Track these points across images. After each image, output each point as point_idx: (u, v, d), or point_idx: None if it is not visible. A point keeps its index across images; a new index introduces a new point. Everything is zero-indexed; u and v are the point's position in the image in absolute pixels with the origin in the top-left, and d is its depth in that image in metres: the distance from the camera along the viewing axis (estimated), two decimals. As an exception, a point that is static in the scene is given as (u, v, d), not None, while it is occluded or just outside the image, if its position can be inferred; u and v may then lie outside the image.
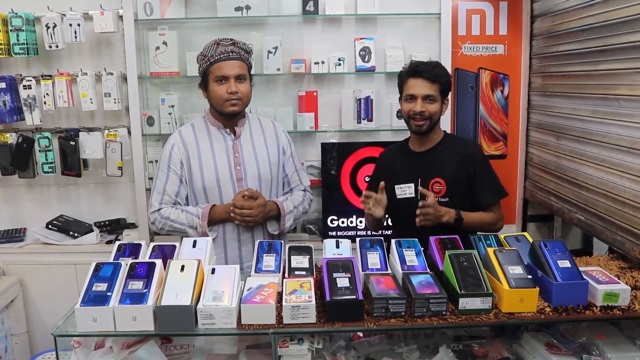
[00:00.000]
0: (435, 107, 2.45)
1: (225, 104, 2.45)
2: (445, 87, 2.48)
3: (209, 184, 2.51)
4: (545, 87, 3.27)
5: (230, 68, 2.42)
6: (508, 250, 1.93)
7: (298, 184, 2.71)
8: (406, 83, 2.50)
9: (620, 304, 1.82)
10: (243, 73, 2.46)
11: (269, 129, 2.66)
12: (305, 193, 2.71)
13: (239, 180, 2.52)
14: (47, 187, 3.69)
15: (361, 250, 2.07)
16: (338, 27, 3.54)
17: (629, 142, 2.37)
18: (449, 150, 2.54)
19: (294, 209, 2.59)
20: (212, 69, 2.44)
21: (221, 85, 2.43)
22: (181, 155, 2.53)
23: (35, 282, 3.52)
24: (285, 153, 2.66)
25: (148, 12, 3.37)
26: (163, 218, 2.50)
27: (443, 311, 1.76)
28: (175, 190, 2.53)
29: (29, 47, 3.30)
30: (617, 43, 2.45)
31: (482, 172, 2.52)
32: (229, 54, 2.42)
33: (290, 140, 2.71)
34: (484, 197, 2.52)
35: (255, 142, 2.58)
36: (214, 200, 2.52)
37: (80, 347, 1.82)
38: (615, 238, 2.49)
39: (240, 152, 2.54)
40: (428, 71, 2.44)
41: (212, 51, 2.43)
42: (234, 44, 2.45)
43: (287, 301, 1.73)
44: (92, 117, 3.58)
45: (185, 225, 2.47)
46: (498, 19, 3.49)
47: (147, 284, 1.75)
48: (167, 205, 2.53)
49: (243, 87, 2.46)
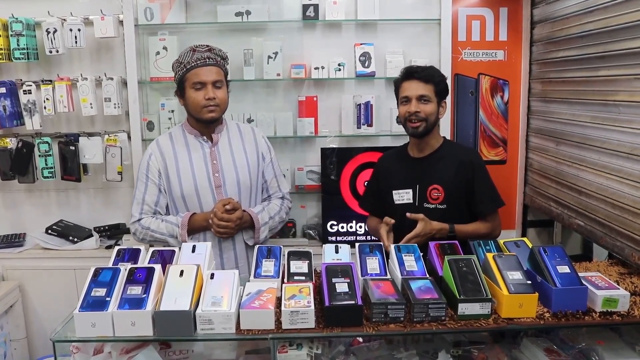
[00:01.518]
0: (431, 108, 2.46)
1: (202, 111, 2.43)
2: (440, 89, 2.48)
3: (187, 192, 2.49)
4: (545, 93, 3.28)
5: (207, 74, 2.40)
6: (507, 256, 1.93)
7: (276, 191, 2.67)
8: (401, 87, 2.53)
9: (619, 309, 1.82)
10: (220, 79, 2.44)
11: (247, 134, 2.63)
12: (284, 201, 2.67)
13: (217, 188, 2.50)
14: (46, 192, 3.69)
15: (360, 256, 2.06)
16: (338, 32, 3.55)
17: (628, 148, 2.37)
18: (448, 156, 2.54)
19: (270, 219, 2.55)
20: (188, 75, 2.42)
21: (198, 91, 2.41)
22: (159, 165, 2.51)
23: (35, 287, 3.51)
24: (265, 159, 2.64)
25: (148, 17, 3.38)
26: (143, 228, 2.48)
27: (442, 316, 1.76)
28: (154, 200, 2.51)
29: (29, 52, 3.30)
30: (616, 49, 2.46)
31: (480, 180, 2.51)
32: (205, 60, 2.41)
33: (270, 146, 2.68)
34: (481, 206, 2.51)
35: (234, 148, 2.56)
36: (193, 208, 2.50)
37: (79, 352, 1.82)
38: (614, 244, 2.48)
39: (218, 159, 2.52)
40: (420, 72, 2.47)
41: (188, 57, 2.41)
42: (210, 50, 2.44)
43: (286, 306, 1.73)
44: (92, 122, 3.58)
45: (166, 234, 2.46)
46: (498, 25, 3.50)
47: (146, 289, 1.75)
48: (147, 215, 2.51)
49: (220, 93, 2.44)
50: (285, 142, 3.60)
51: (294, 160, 3.63)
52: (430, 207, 2.51)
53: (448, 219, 2.44)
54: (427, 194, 2.50)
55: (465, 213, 2.51)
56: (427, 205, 2.52)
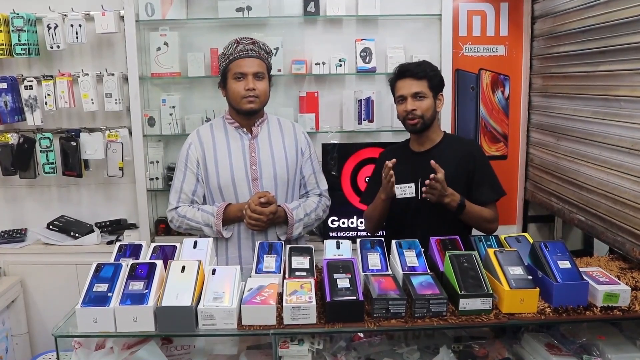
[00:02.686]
0: (426, 104, 2.47)
1: (242, 101, 2.45)
2: (434, 83, 2.49)
3: (224, 183, 2.50)
4: (545, 88, 3.28)
5: (248, 65, 2.43)
6: (508, 251, 1.93)
7: (314, 187, 2.66)
8: (395, 86, 2.55)
9: (620, 304, 1.82)
10: (261, 71, 2.46)
11: (288, 129, 2.64)
12: (321, 198, 2.65)
13: (254, 180, 2.51)
14: (48, 188, 3.69)
15: (362, 251, 2.07)
16: (339, 28, 3.54)
17: (629, 143, 2.37)
18: (449, 149, 2.54)
19: (305, 216, 2.53)
20: (231, 66, 2.45)
21: (239, 82, 2.44)
22: (197, 154, 2.53)
23: (36, 282, 3.52)
24: (304, 154, 2.63)
25: (149, 12, 3.38)
26: (180, 216, 2.51)
27: (443, 312, 1.76)
28: (192, 189, 2.53)
29: (30, 47, 3.30)
30: (617, 44, 2.45)
31: (481, 171, 2.53)
32: (248, 52, 2.44)
33: (309, 142, 2.68)
34: (482, 195, 2.51)
35: (273, 142, 2.57)
36: (230, 199, 2.51)
37: (80, 347, 1.82)
38: (615, 239, 2.49)
39: (256, 151, 2.53)
40: (412, 69, 2.48)
41: (232, 49, 2.45)
42: (254, 43, 2.47)
43: (288, 302, 1.73)
44: (93, 118, 3.58)
45: (201, 223, 2.47)
46: (499, 20, 3.49)
47: (148, 284, 1.75)
48: (184, 204, 2.53)
49: (261, 85, 2.45)
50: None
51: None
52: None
53: (448, 211, 2.44)
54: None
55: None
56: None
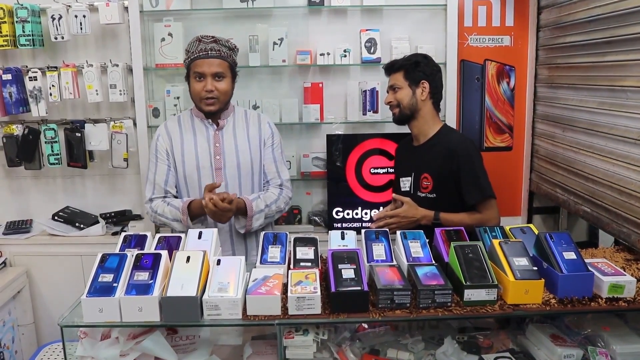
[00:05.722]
0: (400, 94, 2.53)
1: (202, 102, 2.50)
2: (410, 72, 2.53)
3: (189, 172, 2.56)
4: (551, 79, 3.26)
5: (207, 66, 2.45)
6: (513, 242, 1.92)
7: (275, 177, 2.64)
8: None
9: (625, 295, 1.82)
10: (221, 71, 2.47)
11: (253, 120, 2.67)
12: (282, 190, 2.64)
13: (217, 170, 2.55)
14: (53, 179, 3.70)
15: (366, 242, 2.06)
16: (344, 18, 3.52)
17: (636, 134, 2.36)
18: (438, 145, 2.53)
19: (266, 207, 2.53)
20: (192, 65, 2.49)
21: (199, 82, 2.48)
22: (166, 145, 2.59)
23: (42, 273, 3.54)
24: (266, 144, 2.65)
25: (153, 3, 3.37)
26: (153, 211, 2.56)
27: (448, 302, 1.76)
28: (163, 179, 2.57)
29: (34, 38, 3.30)
30: (624, 34, 2.43)
31: (465, 170, 2.46)
32: (207, 52, 2.45)
33: (274, 132, 2.68)
34: (467, 196, 2.47)
35: (238, 133, 2.61)
36: (194, 188, 2.57)
37: (86, 337, 1.83)
38: (621, 230, 2.48)
39: (221, 142, 2.57)
40: (387, 66, 2.63)
41: (194, 47, 2.48)
42: (216, 42, 2.47)
43: (293, 292, 1.73)
44: (97, 109, 3.58)
45: (170, 219, 2.51)
46: (505, 10, 3.47)
47: (153, 275, 1.76)
48: (158, 197, 2.57)
49: (221, 85, 2.48)
50: (290, 128, 3.59)
51: (299, 146, 3.63)
52: (422, 195, 2.53)
53: (438, 209, 2.44)
54: (420, 182, 2.51)
55: (456, 203, 2.49)
56: (420, 193, 2.54)
